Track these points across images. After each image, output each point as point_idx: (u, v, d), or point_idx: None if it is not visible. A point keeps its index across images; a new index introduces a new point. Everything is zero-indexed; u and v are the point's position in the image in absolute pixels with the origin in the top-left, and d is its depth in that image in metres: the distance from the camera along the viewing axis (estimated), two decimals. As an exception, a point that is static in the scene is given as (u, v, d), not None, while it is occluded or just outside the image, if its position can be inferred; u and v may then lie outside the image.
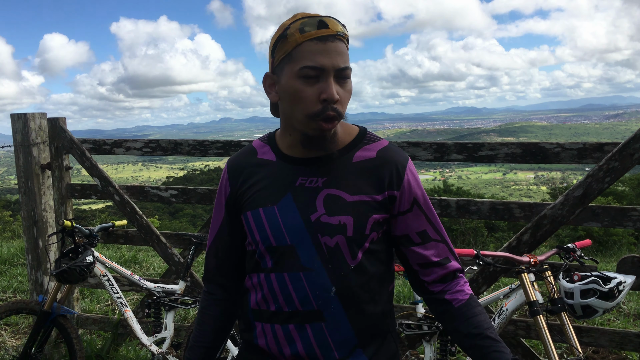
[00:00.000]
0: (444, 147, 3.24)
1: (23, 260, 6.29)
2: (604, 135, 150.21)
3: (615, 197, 16.10)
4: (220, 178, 1.63)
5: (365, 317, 1.47)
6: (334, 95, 1.35)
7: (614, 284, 2.55)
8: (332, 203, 1.44)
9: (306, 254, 1.43)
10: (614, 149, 2.87)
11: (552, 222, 3.00)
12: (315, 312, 1.43)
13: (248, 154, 1.59)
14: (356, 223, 1.43)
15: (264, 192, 1.50)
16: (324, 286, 1.42)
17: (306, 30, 1.36)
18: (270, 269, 1.47)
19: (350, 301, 1.44)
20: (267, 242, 1.47)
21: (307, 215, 1.44)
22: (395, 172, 1.47)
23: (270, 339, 1.48)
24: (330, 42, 1.36)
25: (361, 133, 1.55)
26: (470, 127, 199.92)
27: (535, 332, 3.07)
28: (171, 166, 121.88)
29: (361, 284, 1.45)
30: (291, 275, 1.44)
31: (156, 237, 3.87)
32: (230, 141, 3.74)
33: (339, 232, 1.42)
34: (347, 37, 1.41)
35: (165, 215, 27.55)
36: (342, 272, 1.43)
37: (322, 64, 1.35)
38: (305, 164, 1.48)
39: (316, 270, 1.43)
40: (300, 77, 1.37)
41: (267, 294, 1.48)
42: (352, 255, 1.44)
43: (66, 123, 4.08)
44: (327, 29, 1.36)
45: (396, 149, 1.53)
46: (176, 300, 3.56)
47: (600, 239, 11.31)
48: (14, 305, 3.46)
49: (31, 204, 3.99)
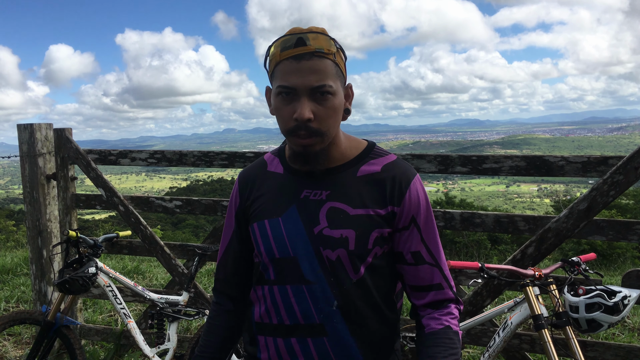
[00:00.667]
0: (449, 159, 3.24)
1: (26, 270, 6.29)
2: (607, 148, 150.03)
3: (619, 210, 16.06)
4: (232, 190, 1.66)
5: (369, 333, 1.46)
6: (303, 115, 1.35)
7: (619, 298, 2.54)
8: (335, 216, 1.44)
9: (308, 266, 1.43)
10: (618, 163, 2.87)
11: (557, 236, 3.00)
12: (317, 326, 1.43)
13: (259, 166, 1.61)
14: (358, 237, 1.42)
15: (270, 204, 1.51)
16: (326, 299, 1.42)
17: (285, 49, 1.37)
18: (273, 281, 1.48)
19: (353, 315, 1.44)
20: (271, 253, 1.48)
21: (310, 227, 1.44)
22: (398, 188, 1.46)
23: (272, 353, 1.48)
24: (305, 60, 1.35)
25: (368, 148, 1.54)
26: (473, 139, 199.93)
27: (540, 346, 3.06)
28: (174, 176, 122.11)
29: (364, 298, 1.44)
30: (293, 287, 1.44)
31: (160, 247, 3.88)
32: (235, 152, 3.75)
33: (340, 246, 1.42)
34: (333, 52, 1.39)
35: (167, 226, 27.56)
36: (344, 286, 1.42)
37: (294, 84, 1.36)
38: (311, 177, 1.49)
39: (318, 284, 1.42)
40: (278, 95, 1.39)
41: (270, 306, 1.48)
42: (355, 270, 1.43)
43: (72, 134, 4.11)
44: (304, 46, 1.36)
45: (404, 165, 1.51)
46: (179, 312, 3.56)
47: (604, 252, 11.26)
48: (17, 315, 3.46)
49: (36, 214, 4.00)
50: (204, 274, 6.27)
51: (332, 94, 1.38)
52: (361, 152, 1.53)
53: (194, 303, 3.77)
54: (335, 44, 1.41)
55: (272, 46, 1.42)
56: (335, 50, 1.40)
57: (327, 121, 1.39)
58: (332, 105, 1.39)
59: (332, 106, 1.39)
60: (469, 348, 3.96)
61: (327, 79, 1.37)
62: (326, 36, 1.40)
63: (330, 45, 1.39)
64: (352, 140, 1.55)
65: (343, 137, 1.52)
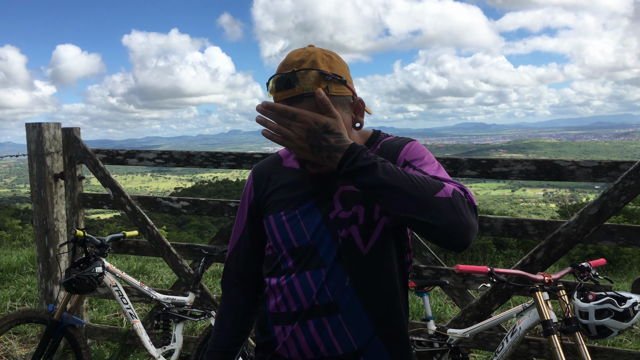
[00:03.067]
0: (457, 162, 3.22)
1: (32, 269, 6.30)
2: (614, 153, 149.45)
3: (626, 216, 15.96)
4: (245, 184, 1.69)
5: (380, 305, 1.49)
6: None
7: (630, 304, 2.51)
8: (348, 197, 1.49)
9: (325, 250, 1.47)
10: (630, 168, 2.84)
11: (567, 241, 2.97)
12: (331, 304, 1.46)
13: (274, 161, 1.65)
14: (367, 211, 1.47)
15: (287, 197, 1.54)
16: (339, 277, 1.46)
17: (278, 89, 1.41)
18: (291, 269, 1.51)
19: (364, 289, 1.47)
20: (289, 244, 1.51)
21: (326, 214, 1.48)
22: (392, 155, 1.50)
23: (289, 339, 1.49)
24: (296, 103, 1.38)
25: (374, 135, 1.60)
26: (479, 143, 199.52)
27: (549, 352, 3.03)
28: (180, 177, 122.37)
29: (374, 270, 1.48)
30: (312, 273, 1.48)
31: (167, 248, 3.87)
32: (243, 153, 3.74)
33: (352, 223, 1.47)
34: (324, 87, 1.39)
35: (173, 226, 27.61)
36: (355, 261, 1.47)
37: None
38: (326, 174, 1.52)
39: (332, 264, 1.46)
40: None
41: (288, 294, 1.50)
42: (364, 242, 1.47)
43: (80, 133, 4.11)
44: (292, 89, 1.38)
45: (400, 138, 1.57)
46: (185, 312, 3.55)
47: (610, 257, 11.19)
48: (24, 314, 3.46)
49: (43, 213, 4.01)
50: (209, 275, 6.27)
51: None
52: (367, 140, 1.59)
53: (200, 304, 3.77)
54: (326, 78, 1.40)
55: (269, 81, 1.45)
56: (327, 83, 1.40)
57: None
58: None
59: None
60: (475, 353, 3.94)
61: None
62: (316, 71, 1.39)
63: (320, 81, 1.39)
64: (362, 134, 1.60)
65: (356, 135, 1.56)
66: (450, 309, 4.96)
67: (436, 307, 4.95)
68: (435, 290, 5.41)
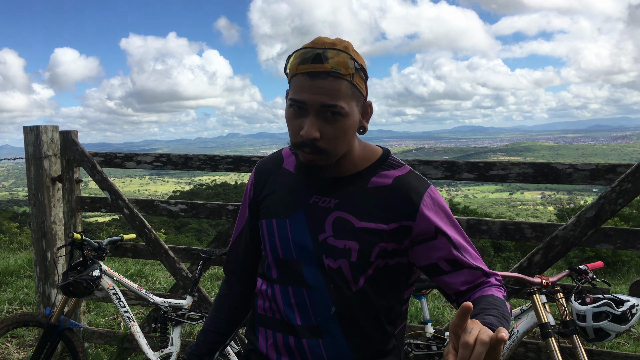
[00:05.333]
0: (455, 165, 3.23)
1: (30, 272, 6.29)
2: (611, 156, 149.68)
3: (622, 219, 15.97)
4: (248, 179, 1.69)
5: (365, 341, 1.46)
6: (308, 134, 1.33)
7: (627, 307, 2.51)
8: (341, 226, 1.43)
9: (310, 271, 1.45)
10: (627, 171, 2.85)
11: (564, 243, 2.98)
12: (313, 328, 1.44)
13: (275, 160, 1.63)
14: (361, 249, 1.41)
15: (279, 203, 1.53)
16: (325, 305, 1.44)
17: (302, 62, 1.34)
18: (276, 280, 1.51)
19: (349, 322, 1.44)
20: (276, 253, 1.50)
21: (315, 234, 1.45)
22: (410, 202, 1.43)
23: (270, 344, 1.51)
24: (320, 79, 1.31)
25: (382, 158, 1.51)
26: (477, 146, 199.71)
27: (547, 355, 3.03)
28: (178, 180, 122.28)
29: (363, 308, 1.44)
30: (294, 289, 1.47)
31: (164, 251, 3.87)
32: (241, 157, 3.74)
33: (342, 256, 1.42)
34: (351, 72, 1.34)
35: (171, 230, 27.57)
36: (343, 294, 1.43)
37: (304, 100, 1.33)
38: (322, 183, 1.48)
39: (318, 289, 1.44)
40: (290, 107, 1.38)
41: (272, 303, 1.51)
42: (354, 280, 1.43)
43: (78, 136, 4.11)
44: (321, 64, 1.31)
45: (415, 177, 1.48)
46: (183, 316, 3.54)
47: (608, 260, 11.19)
48: (21, 317, 3.46)
49: (41, 216, 4.00)
50: (207, 278, 6.26)
51: (342, 115, 1.34)
52: (374, 163, 1.50)
53: (197, 307, 3.76)
54: (355, 65, 1.35)
55: (292, 55, 1.39)
56: (354, 71, 1.35)
57: (335, 141, 1.37)
58: (342, 127, 1.36)
59: (342, 127, 1.36)
60: (473, 356, 3.93)
61: (339, 100, 1.33)
62: (347, 54, 1.34)
63: (349, 65, 1.33)
64: (367, 149, 1.51)
65: (358, 146, 1.49)
66: (449, 312, 4.96)
67: (434, 310, 4.95)
68: (433, 293, 5.41)
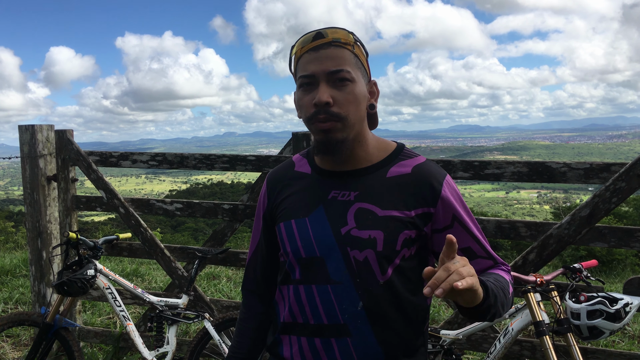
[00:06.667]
0: (450, 164, 3.23)
1: (25, 272, 6.28)
2: (607, 155, 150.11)
3: (616, 217, 16.02)
4: (260, 191, 1.69)
5: (394, 335, 1.44)
6: (321, 98, 1.37)
7: (621, 305, 2.53)
8: (363, 217, 1.43)
9: (335, 266, 1.43)
10: (621, 170, 2.86)
11: (559, 242, 2.99)
12: (341, 326, 1.42)
13: (287, 167, 1.64)
14: (387, 238, 1.41)
15: (297, 204, 1.52)
16: (351, 300, 1.41)
17: (304, 44, 1.43)
18: (299, 280, 1.48)
19: (378, 317, 1.42)
20: (297, 253, 1.48)
21: (337, 228, 1.44)
22: (430, 189, 1.45)
23: (295, 351, 1.48)
24: (323, 49, 1.40)
25: (398, 149, 1.54)
26: (473, 145, 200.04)
27: (541, 353, 3.04)
28: (174, 179, 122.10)
29: (390, 300, 1.43)
30: (319, 287, 1.44)
31: (160, 250, 3.87)
32: (237, 156, 3.74)
33: (368, 247, 1.41)
34: (351, 42, 1.43)
35: (167, 229, 27.50)
36: (370, 287, 1.41)
37: (312, 71, 1.40)
38: (339, 177, 1.50)
39: (344, 284, 1.42)
40: (300, 87, 1.44)
41: (295, 306, 1.48)
42: (382, 271, 1.42)
43: (73, 135, 4.10)
44: (322, 38, 1.41)
45: (433, 165, 1.51)
46: (179, 315, 3.55)
47: (603, 258, 11.22)
48: (16, 316, 3.45)
49: (36, 216, 3.99)
50: (203, 277, 6.26)
51: (350, 80, 1.40)
52: (391, 154, 1.52)
53: (193, 306, 3.76)
54: (354, 37, 1.45)
55: (294, 46, 1.47)
56: (354, 42, 1.44)
57: (347, 106, 1.40)
58: (352, 91, 1.41)
59: (352, 92, 1.41)
60: (469, 354, 3.95)
61: (344, 65, 1.40)
62: (345, 30, 1.44)
63: (348, 37, 1.43)
64: (382, 142, 1.55)
65: (371, 138, 1.53)
66: (444, 310, 4.97)
67: (430, 308, 4.96)
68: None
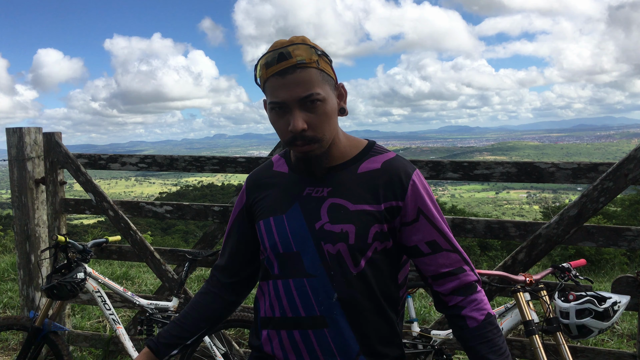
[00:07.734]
0: (440, 165, 3.25)
1: (14, 276, 6.22)
2: (595, 155, 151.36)
3: (605, 217, 16.15)
4: (240, 190, 1.74)
5: (368, 325, 1.49)
6: (296, 127, 1.40)
7: (609, 304, 2.55)
8: (336, 212, 1.49)
9: (310, 260, 1.48)
10: (608, 169, 2.89)
11: (548, 242, 3.01)
12: (317, 318, 1.47)
13: (266, 167, 1.69)
14: (358, 231, 1.46)
15: (275, 202, 1.57)
16: (326, 292, 1.46)
17: (268, 66, 1.42)
18: (277, 275, 1.53)
19: (352, 308, 1.47)
20: (275, 248, 1.53)
21: (312, 223, 1.49)
22: (399, 183, 1.49)
23: (276, 345, 1.52)
24: (289, 74, 1.40)
25: (368, 146, 1.59)
26: (463, 146, 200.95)
27: (531, 352, 3.06)
28: (164, 182, 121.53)
29: (364, 292, 1.48)
30: (296, 281, 1.49)
31: (150, 253, 3.85)
32: (227, 157, 3.73)
33: (341, 240, 1.46)
34: (315, 59, 1.42)
35: (157, 232, 27.36)
36: (344, 278, 1.46)
37: (283, 99, 1.41)
38: (313, 175, 1.55)
39: (319, 277, 1.47)
40: (272, 110, 1.46)
41: (274, 300, 1.53)
42: (355, 263, 1.46)
43: (61, 138, 4.07)
44: (286, 61, 1.40)
45: (402, 161, 1.56)
46: (169, 318, 3.52)
47: (592, 258, 11.31)
48: (4, 321, 3.42)
49: (24, 219, 3.96)
50: (194, 279, 6.23)
51: (321, 101, 1.43)
52: (362, 150, 1.58)
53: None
54: (316, 52, 1.44)
55: (257, 64, 1.47)
56: (318, 57, 1.44)
57: (322, 127, 1.45)
58: (324, 111, 1.44)
59: (324, 112, 1.44)
60: (459, 354, 3.96)
61: (313, 88, 1.41)
62: (306, 45, 1.43)
63: (311, 54, 1.42)
64: (352, 140, 1.60)
65: (342, 136, 1.57)
66: (435, 310, 4.99)
67: (420, 309, 4.98)
68: (419, 292, 5.44)
